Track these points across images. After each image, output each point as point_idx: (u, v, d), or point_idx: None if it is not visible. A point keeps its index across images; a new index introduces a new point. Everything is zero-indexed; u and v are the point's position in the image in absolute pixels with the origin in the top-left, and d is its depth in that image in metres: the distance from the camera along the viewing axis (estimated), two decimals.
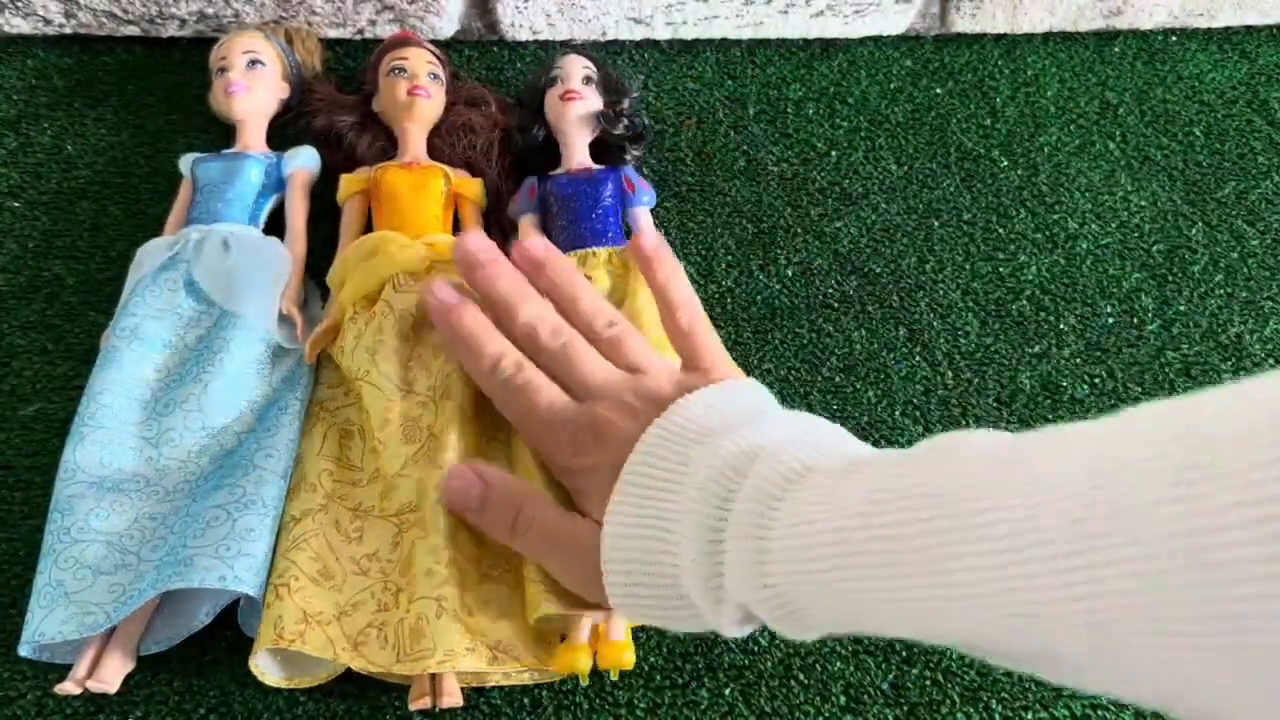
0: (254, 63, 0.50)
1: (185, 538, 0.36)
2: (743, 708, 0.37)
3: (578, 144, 0.50)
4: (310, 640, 0.34)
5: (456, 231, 0.47)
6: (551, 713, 0.36)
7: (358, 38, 0.58)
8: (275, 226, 0.47)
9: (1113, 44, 0.62)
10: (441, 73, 0.51)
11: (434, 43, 0.54)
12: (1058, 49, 0.62)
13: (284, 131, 0.51)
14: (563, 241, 0.46)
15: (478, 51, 0.58)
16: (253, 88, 0.49)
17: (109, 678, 0.35)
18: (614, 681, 0.37)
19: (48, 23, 0.56)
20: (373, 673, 0.35)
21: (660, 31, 0.59)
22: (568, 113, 0.50)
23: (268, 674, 0.35)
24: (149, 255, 0.44)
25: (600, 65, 0.52)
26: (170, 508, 0.38)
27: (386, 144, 0.50)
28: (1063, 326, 0.49)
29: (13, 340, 0.45)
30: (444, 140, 0.50)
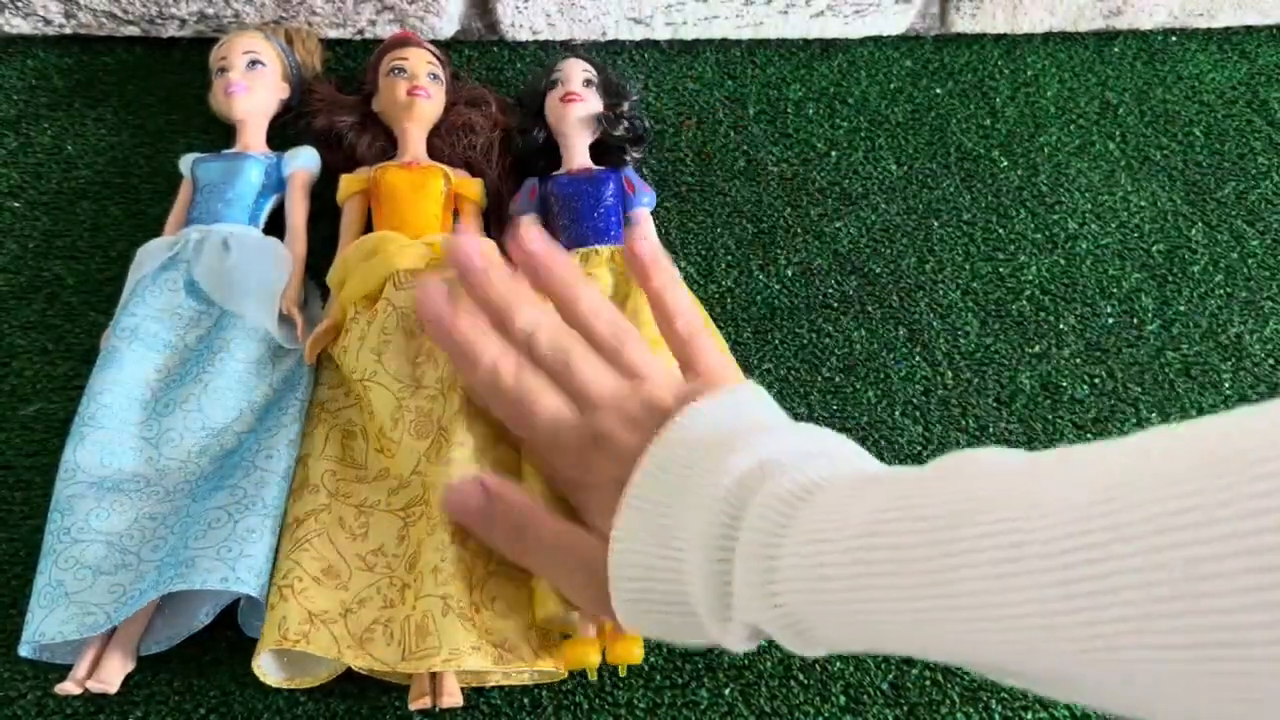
0: (254, 63, 0.50)
1: (186, 539, 0.36)
2: (742, 708, 0.37)
3: (578, 146, 0.50)
4: (315, 640, 0.34)
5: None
6: (551, 713, 0.36)
7: (358, 38, 0.58)
8: (275, 226, 0.47)
9: (1113, 44, 0.62)
10: (441, 73, 0.51)
11: (434, 43, 0.54)
12: (1058, 49, 0.62)
13: (284, 131, 0.52)
14: (565, 240, 0.46)
15: (478, 51, 0.58)
16: (253, 88, 0.49)
17: (109, 678, 0.35)
18: (614, 681, 0.37)
19: (48, 23, 0.56)
20: (375, 672, 0.35)
21: (660, 32, 0.59)
22: (568, 115, 0.50)
23: (269, 674, 0.35)
24: (149, 255, 0.44)
25: (600, 68, 0.52)
26: (170, 508, 0.38)
27: (386, 144, 0.50)
28: (1063, 326, 0.49)
29: (13, 340, 0.45)
30: (444, 140, 0.50)
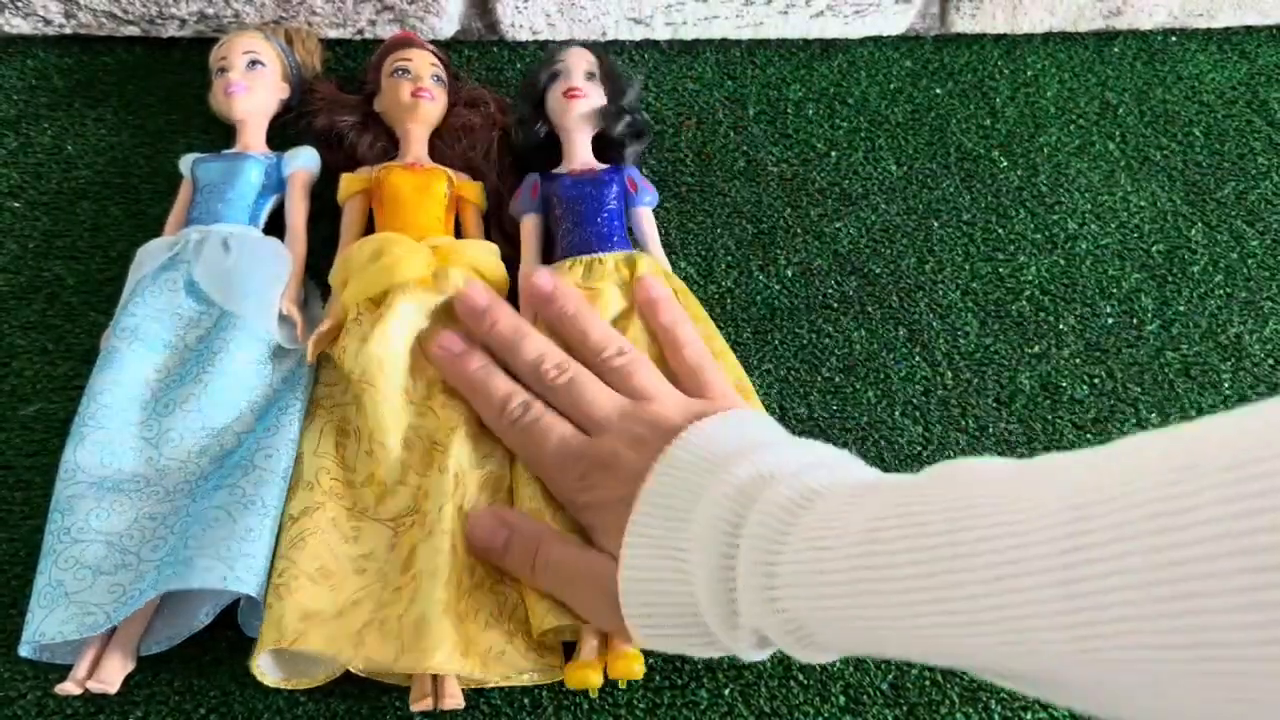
0: (254, 63, 0.50)
1: (186, 538, 0.36)
2: (742, 708, 0.37)
3: (580, 141, 0.49)
4: (311, 639, 0.34)
5: (458, 234, 0.47)
6: (551, 713, 0.36)
7: (358, 38, 0.58)
8: (275, 226, 0.47)
9: (1112, 44, 0.62)
10: (444, 74, 0.51)
11: (434, 43, 0.54)
12: (1057, 49, 0.62)
13: (284, 131, 0.51)
14: (568, 246, 0.45)
15: (478, 52, 0.58)
16: (253, 88, 0.49)
17: (109, 678, 0.35)
18: (614, 682, 0.37)
19: (48, 23, 0.56)
20: (373, 673, 0.35)
21: (660, 32, 0.59)
22: (571, 110, 0.49)
23: (268, 675, 0.35)
24: (149, 255, 0.44)
25: (602, 58, 0.51)
26: (170, 508, 0.38)
27: (387, 144, 0.50)
28: (1062, 327, 0.49)
29: (13, 340, 0.45)
30: (445, 142, 0.50)
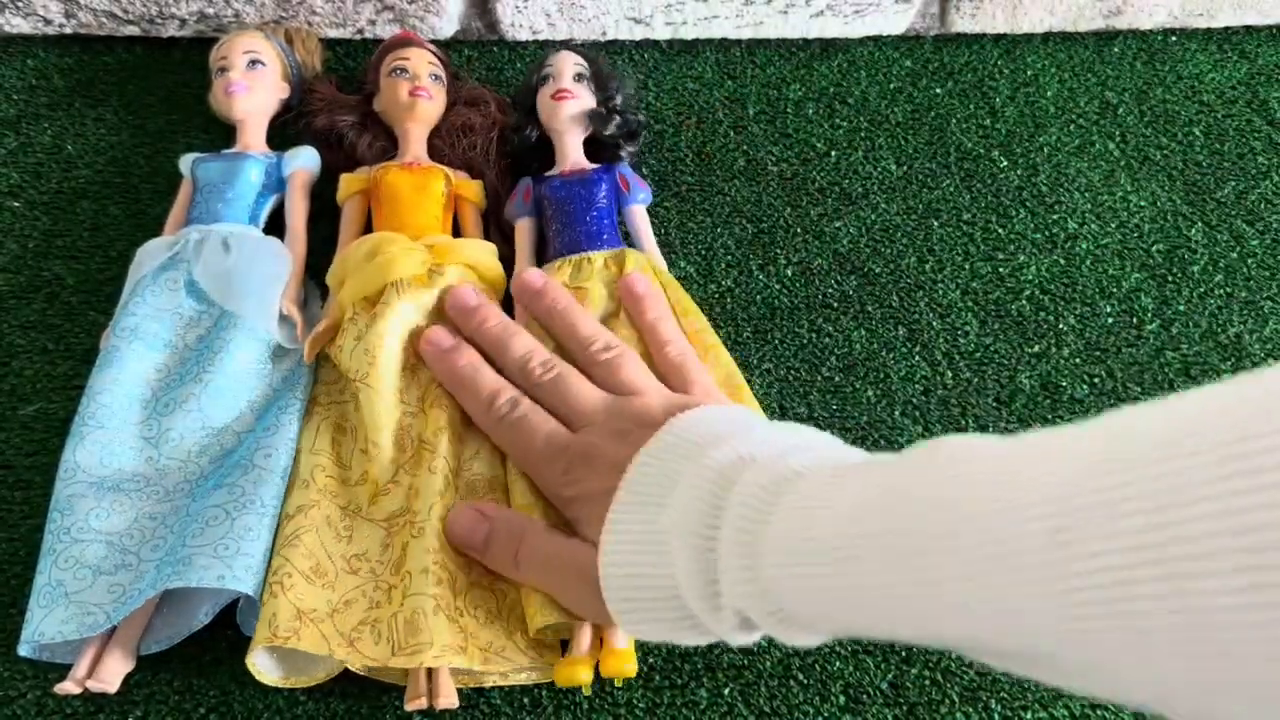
0: (254, 63, 0.50)
1: (184, 537, 0.36)
2: (742, 708, 0.37)
3: (571, 143, 0.49)
4: (305, 637, 0.34)
5: (456, 233, 0.47)
6: (551, 712, 0.36)
7: (358, 38, 0.58)
8: (275, 226, 0.47)
9: (1112, 44, 0.62)
10: (443, 73, 0.51)
11: (434, 43, 0.54)
12: (1057, 49, 0.62)
13: (284, 131, 0.51)
14: (558, 245, 0.46)
15: (478, 51, 0.58)
16: (253, 88, 0.49)
17: (109, 677, 0.35)
18: (613, 680, 0.37)
19: (48, 23, 0.56)
20: (371, 672, 0.35)
21: (660, 31, 0.59)
22: (560, 112, 0.49)
23: (265, 673, 0.35)
24: (149, 255, 0.44)
25: (593, 61, 0.52)
26: (170, 507, 0.38)
27: (387, 144, 0.50)
28: (1062, 326, 0.49)
29: (13, 340, 0.45)
30: (444, 141, 0.50)
